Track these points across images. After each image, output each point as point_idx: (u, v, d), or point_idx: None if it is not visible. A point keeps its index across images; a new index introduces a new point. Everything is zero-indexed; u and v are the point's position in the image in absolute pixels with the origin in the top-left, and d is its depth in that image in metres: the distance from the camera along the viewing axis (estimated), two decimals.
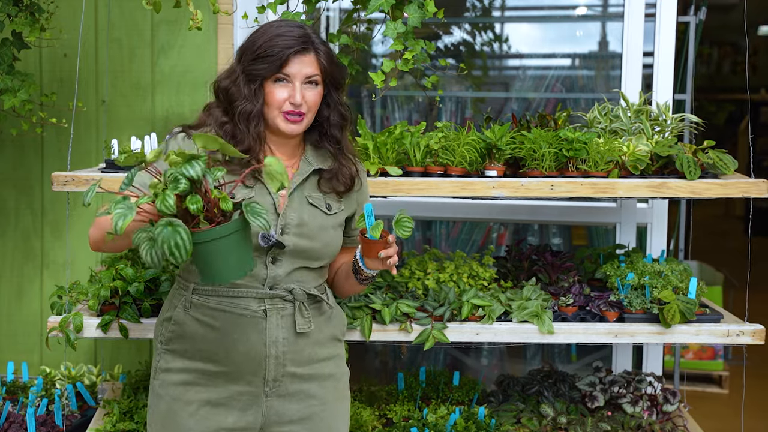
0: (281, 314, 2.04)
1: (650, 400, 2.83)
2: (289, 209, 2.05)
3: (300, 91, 1.99)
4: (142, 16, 3.28)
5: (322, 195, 2.10)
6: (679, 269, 2.69)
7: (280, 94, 2.00)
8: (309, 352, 2.08)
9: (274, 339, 2.02)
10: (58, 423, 2.74)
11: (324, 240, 2.08)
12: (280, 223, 2.02)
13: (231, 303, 2.02)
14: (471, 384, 3.02)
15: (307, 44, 1.99)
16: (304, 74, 2.00)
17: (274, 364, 2.03)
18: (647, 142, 2.63)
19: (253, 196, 2.01)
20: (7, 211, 3.41)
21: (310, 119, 2.04)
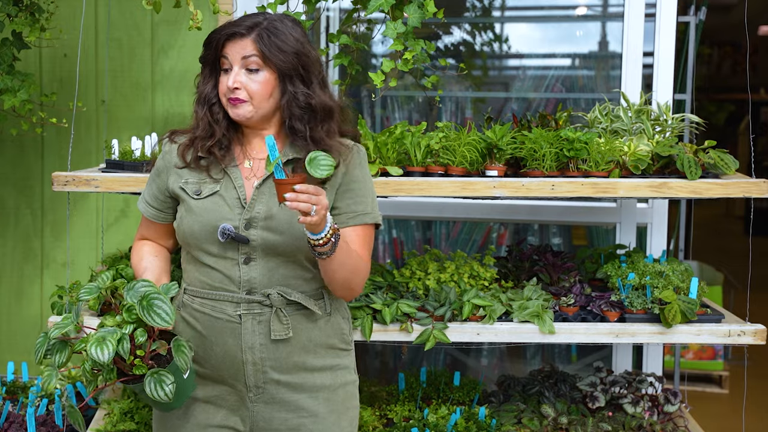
0: (258, 320, 1.99)
1: (651, 401, 2.83)
2: (257, 202, 1.99)
3: (235, 75, 1.97)
4: (142, 16, 3.28)
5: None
6: (680, 269, 2.69)
7: (223, 83, 2.00)
8: (295, 360, 2.02)
9: (250, 345, 1.99)
10: (58, 423, 2.73)
11: (294, 233, 1.96)
12: (244, 216, 1.98)
13: (211, 305, 2.01)
14: (472, 384, 3.01)
15: (249, 29, 1.96)
16: (240, 56, 1.96)
17: (253, 370, 2.00)
18: (648, 142, 2.63)
19: (218, 189, 2.00)
20: (7, 211, 3.41)
21: (258, 106, 1.98)
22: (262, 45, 1.95)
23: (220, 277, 2.00)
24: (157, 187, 2.11)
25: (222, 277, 1.99)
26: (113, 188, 2.51)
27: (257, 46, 1.95)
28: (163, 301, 1.83)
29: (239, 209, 1.99)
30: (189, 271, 2.07)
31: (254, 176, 2.03)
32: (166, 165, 2.09)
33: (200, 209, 2.00)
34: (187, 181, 2.04)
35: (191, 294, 2.05)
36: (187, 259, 2.09)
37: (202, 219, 1.99)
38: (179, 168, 2.06)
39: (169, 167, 2.08)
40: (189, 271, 2.07)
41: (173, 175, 2.06)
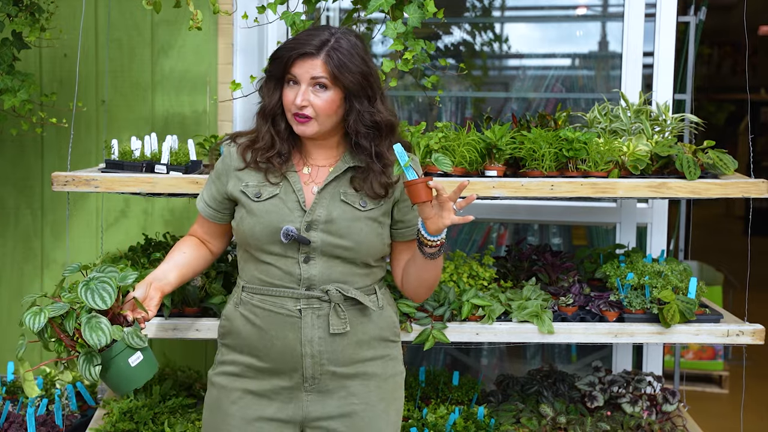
0: (317, 314, 2.06)
1: (649, 400, 2.83)
2: (318, 206, 2.06)
3: (303, 93, 2.01)
4: (142, 16, 3.28)
5: (357, 193, 2.09)
6: (679, 269, 2.69)
7: (288, 96, 2.04)
8: (350, 352, 2.09)
9: (309, 338, 2.06)
10: (58, 423, 2.74)
11: (357, 237, 2.06)
12: (306, 219, 2.04)
13: (271, 302, 2.07)
14: (470, 384, 3.02)
15: (318, 49, 2.00)
16: (309, 76, 2.00)
17: (311, 363, 2.06)
18: (647, 142, 2.63)
19: (278, 193, 2.06)
20: (7, 211, 3.41)
21: (323, 123, 2.04)
22: (332, 66, 1.99)
23: (280, 275, 2.06)
24: (216, 189, 2.16)
25: (282, 275, 2.06)
26: (113, 188, 2.51)
27: (327, 67, 1.99)
28: (111, 286, 1.89)
29: (299, 212, 2.05)
30: (247, 270, 2.13)
31: (313, 182, 2.10)
32: (225, 168, 2.14)
33: (261, 211, 2.06)
34: (248, 184, 2.09)
35: (250, 291, 2.11)
36: (244, 258, 2.14)
37: (264, 220, 2.05)
38: (239, 170, 2.11)
39: (229, 171, 2.13)
40: (247, 270, 2.13)
41: (233, 178, 2.12)
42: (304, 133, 2.05)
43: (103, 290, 1.89)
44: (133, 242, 3.03)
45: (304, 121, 2.03)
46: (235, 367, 2.12)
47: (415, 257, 2.10)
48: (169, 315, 2.54)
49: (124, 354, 1.90)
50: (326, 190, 2.08)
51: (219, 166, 2.17)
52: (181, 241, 2.24)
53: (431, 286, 2.15)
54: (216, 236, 2.24)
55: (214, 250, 2.27)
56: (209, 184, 2.20)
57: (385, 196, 2.09)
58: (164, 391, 2.85)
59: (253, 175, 2.10)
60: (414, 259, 2.12)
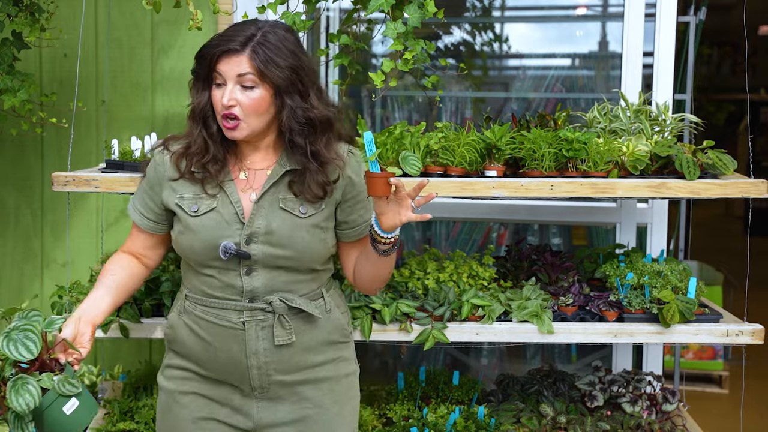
0: (261, 326, 2.00)
1: (649, 400, 2.84)
2: (257, 216, 1.98)
3: (230, 92, 1.91)
4: (142, 16, 3.28)
5: (297, 198, 2.01)
6: (679, 269, 2.69)
7: (216, 97, 1.95)
8: (298, 360, 2.05)
9: (254, 350, 2.00)
10: None
11: (299, 246, 1.99)
12: (245, 232, 1.97)
13: (213, 313, 2.02)
14: (471, 383, 3.02)
15: (243, 45, 1.90)
16: (235, 74, 1.91)
17: (258, 374, 2.02)
18: (647, 142, 2.63)
19: (215, 206, 1.98)
20: (7, 211, 3.41)
21: (253, 123, 1.95)
22: (257, 62, 1.90)
23: (221, 287, 2.00)
24: (150, 199, 2.08)
25: (224, 287, 2.00)
26: (113, 188, 2.51)
27: (253, 63, 1.90)
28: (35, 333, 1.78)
29: (238, 225, 1.98)
30: (189, 279, 2.08)
31: (250, 188, 2.02)
32: (158, 178, 2.06)
33: (199, 227, 1.98)
34: (183, 196, 2.01)
35: (193, 301, 2.06)
36: (186, 267, 2.09)
37: (202, 237, 1.98)
38: (173, 180, 2.03)
39: (162, 181, 2.05)
40: (189, 279, 2.08)
41: (167, 188, 2.04)
42: (234, 137, 1.96)
43: (26, 339, 1.77)
44: None
45: (234, 125, 1.94)
46: (184, 372, 2.08)
47: (368, 254, 2.02)
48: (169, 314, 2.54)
49: (58, 403, 1.79)
50: (265, 197, 2.00)
51: (151, 174, 2.07)
52: (109, 262, 2.11)
53: (385, 279, 2.08)
54: (154, 247, 2.14)
55: (150, 264, 2.16)
56: (141, 194, 2.10)
57: (324, 197, 2.00)
58: None
59: (189, 186, 2.01)
60: (366, 256, 2.04)
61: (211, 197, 1.99)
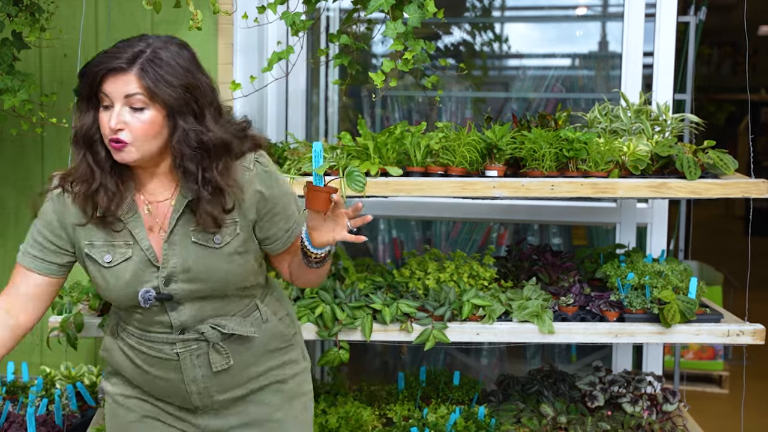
0: (196, 354, 1.93)
1: (650, 400, 2.83)
2: (171, 256, 1.86)
3: (117, 114, 1.75)
4: (142, 16, 3.28)
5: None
6: (680, 269, 2.69)
7: (103, 119, 1.78)
8: (239, 378, 1.99)
9: (192, 377, 1.95)
10: (58, 423, 2.74)
11: (220, 276, 1.88)
12: (161, 275, 1.86)
13: (147, 345, 1.95)
14: (471, 384, 3.02)
15: (130, 62, 1.74)
16: (122, 95, 1.75)
17: (199, 396, 1.98)
18: (647, 142, 2.63)
19: (130, 254, 1.85)
20: (7, 211, 3.41)
21: (142, 147, 1.78)
22: (147, 81, 1.74)
23: (151, 321, 1.92)
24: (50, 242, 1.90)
25: (153, 322, 1.92)
26: None
27: (142, 83, 1.74)
28: None
29: (153, 269, 1.86)
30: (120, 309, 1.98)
31: (158, 225, 1.88)
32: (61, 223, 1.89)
33: (113, 277, 1.86)
34: (92, 243, 1.87)
35: (125, 330, 1.99)
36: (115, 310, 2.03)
37: (119, 287, 1.87)
38: (80, 226, 1.87)
39: (66, 226, 1.89)
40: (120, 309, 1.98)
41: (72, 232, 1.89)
42: (123, 160, 1.79)
43: None
44: None
45: (119, 147, 1.77)
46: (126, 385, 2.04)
47: (300, 263, 1.94)
48: None
49: None
50: (174, 234, 1.86)
51: (51, 218, 1.89)
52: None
53: (322, 278, 2.00)
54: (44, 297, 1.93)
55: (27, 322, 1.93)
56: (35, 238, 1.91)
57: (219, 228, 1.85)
58: None
59: (97, 231, 1.86)
60: (299, 264, 1.96)
61: (125, 245, 1.86)
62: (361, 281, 2.74)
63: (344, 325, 2.57)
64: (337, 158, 2.57)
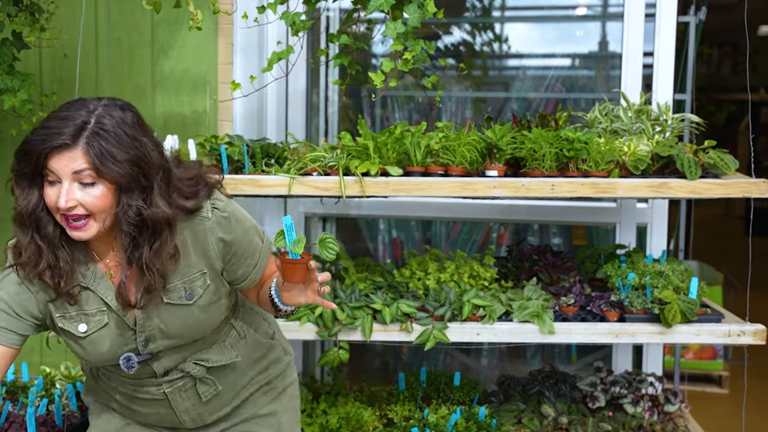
0: (183, 389, 1.94)
1: (651, 401, 2.83)
2: (146, 319, 1.82)
3: (67, 192, 1.66)
4: (142, 16, 3.28)
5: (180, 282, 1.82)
6: (680, 269, 2.69)
7: (50, 197, 1.68)
8: (228, 396, 2.01)
9: (184, 409, 1.96)
10: (58, 423, 2.73)
11: (197, 328, 1.87)
12: (140, 339, 1.83)
13: (132, 388, 1.94)
14: (472, 384, 3.01)
15: (75, 137, 1.64)
16: (70, 171, 1.65)
17: (192, 422, 2.00)
18: (648, 142, 2.63)
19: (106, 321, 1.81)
20: (7, 211, 3.41)
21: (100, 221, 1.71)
22: (93, 157, 1.64)
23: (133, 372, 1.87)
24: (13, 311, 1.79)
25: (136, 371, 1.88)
26: None
27: (88, 159, 1.64)
28: None
29: (130, 332, 1.83)
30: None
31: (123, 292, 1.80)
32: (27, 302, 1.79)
33: (92, 345, 1.82)
34: (65, 315, 1.80)
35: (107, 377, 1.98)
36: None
37: (98, 354, 1.84)
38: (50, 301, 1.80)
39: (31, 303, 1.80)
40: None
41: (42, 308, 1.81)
42: (80, 238, 1.71)
43: None
44: None
45: (82, 224, 1.69)
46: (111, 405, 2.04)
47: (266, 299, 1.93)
48: None
49: None
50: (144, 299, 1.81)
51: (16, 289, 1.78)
52: None
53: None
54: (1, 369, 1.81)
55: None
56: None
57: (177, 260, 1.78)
58: None
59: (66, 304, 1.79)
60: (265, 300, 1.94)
61: (99, 312, 1.81)
62: (361, 281, 2.73)
63: (344, 325, 2.57)
64: (338, 158, 2.57)
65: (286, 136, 3.21)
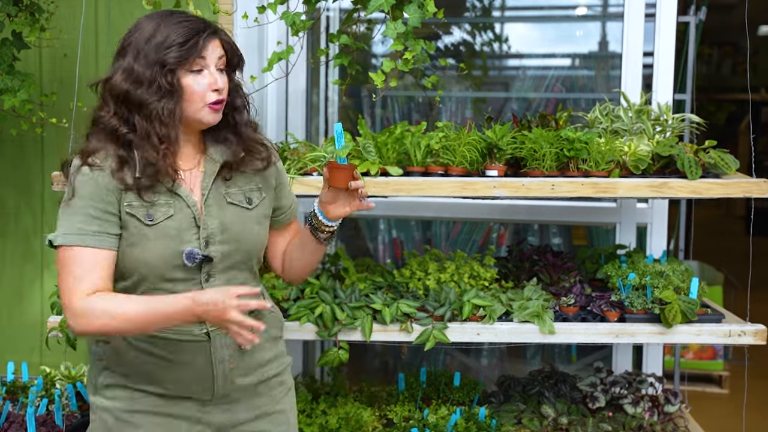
0: (224, 333, 1.89)
1: (651, 401, 2.83)
2: (208, 217, 1.90)
3: (219, 76, 1.87)
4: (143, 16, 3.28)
5: (239, 189, 1.96)
6: (681, 269, 2.69)
7: (200, 84, 1.85)
8: (254, 361, 2.02)
9: (221, 359, 1.95)
10: (58, 423, 2.73)
11: (251, 238, 1.96)
12: (202, 235, 1.88)
13: (174, 330, 1.89)
14: (472, 384, 3.01)
15: (212, 27, 1.88)
16: (216, 57, 1.87)
17: (223, 382, 1.97)
18: (648, 142, 2.63)
19: (172, 212, 1.87)
20: (7, 211, 3.41)
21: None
22: (226, 40, 1.90)
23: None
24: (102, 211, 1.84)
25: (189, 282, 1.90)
26: None
27: (224, 43, 1.89)
28: None
29: (194, 229, 1.88)
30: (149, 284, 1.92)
31: (190, 189, 1.91)
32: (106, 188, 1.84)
33: (156, 236, 1.85)
34: (132, 204, 1.85)
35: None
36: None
37: (160, 247, 1.85)
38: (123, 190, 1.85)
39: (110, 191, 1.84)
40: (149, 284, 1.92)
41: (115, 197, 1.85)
42: (217, 119, 1.90)
43: None
44: None
45: (220, 108, 1.89)
46: (131, 391, 1.95)
47: (304, 244, 2.05)
48: None
49: None
50: (210, 196, 1.91)
51: (91, 190, 1.83)
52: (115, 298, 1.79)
53: (314, 265, 2.12)
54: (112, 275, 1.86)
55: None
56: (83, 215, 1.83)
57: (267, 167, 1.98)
58: None
59: (135, 195, 1.85)
60: (302, 246, 2.06)
61: (166, 204, 1.87)
62: (361, 281, 2.73)
63: (344, 326, 2.57)
64: None
65: (286, 136, 3.21)
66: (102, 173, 1.84)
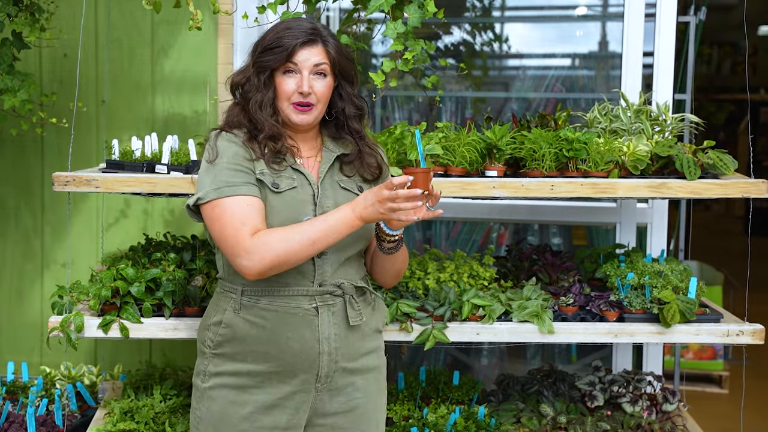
0: (332, 310, 2.05)
1: (650, 400, 2.83)
2: (324, 197, 2.06)
3: (308, 80, 2.02)
4: (142, 16, 3.28)
5: (351, 180, 2.12)
6: (679, 269, 2.69)
7: (289, 85, 2.04)
8: (358, 345, 2.11)
9: (327, 335, 2.05)
10: (58, 423, 2.74)
11: None
12: (318, 211, 2.04)
13: (283, 302, 2.03)
14: (471, 383, 3.02)
15: (315, 36, 2.04)
16: (312, 63, 2.03)
17: (327, 361, 2.05)
18: (647, 142, 2.63)
19: (295, 185, 2.04)
20: (7, 211, 3.41)
21: (320, 110, 2.07)
22: (331, 52, 2.05)
23: (293, 273, 2.02)
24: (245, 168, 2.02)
25: (295, 273, 2.02)
26: (113, 188, 2.51)
27: (327, 54, 2.04)
28: None
29: (312, 205, 2.04)
30: None
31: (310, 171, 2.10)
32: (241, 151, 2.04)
33: (280, 204, 2.02)
34: (263, 172, 2.03)
35: (254, 294, 2.04)
36: None
37: (284, 214, 2.01)
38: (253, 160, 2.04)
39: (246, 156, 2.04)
40: None
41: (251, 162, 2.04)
42: (304, 121, 2.06)
43: None
44: (134, 242, 3.03)
45: (307, 109, 2.05)
46: (237, 379, 2.04)
47: (376, 252, 2.14)
48: (169, 315, 2.54)
49: None
50: (325, 180, 2.09)
51: (233, 150, 2.03)
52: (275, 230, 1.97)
53: (397, 274, 2.19)
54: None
55: None
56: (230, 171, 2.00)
57: (378, 176, 2.14)
58: (165, 391, 2.85)
59: (264, 165, 2.04)
60: (375, 254, 2.15)
61: (289, 178, 2.04)
62: None
63: None
64: None
65: None
66: (238, 140, 2.05)
